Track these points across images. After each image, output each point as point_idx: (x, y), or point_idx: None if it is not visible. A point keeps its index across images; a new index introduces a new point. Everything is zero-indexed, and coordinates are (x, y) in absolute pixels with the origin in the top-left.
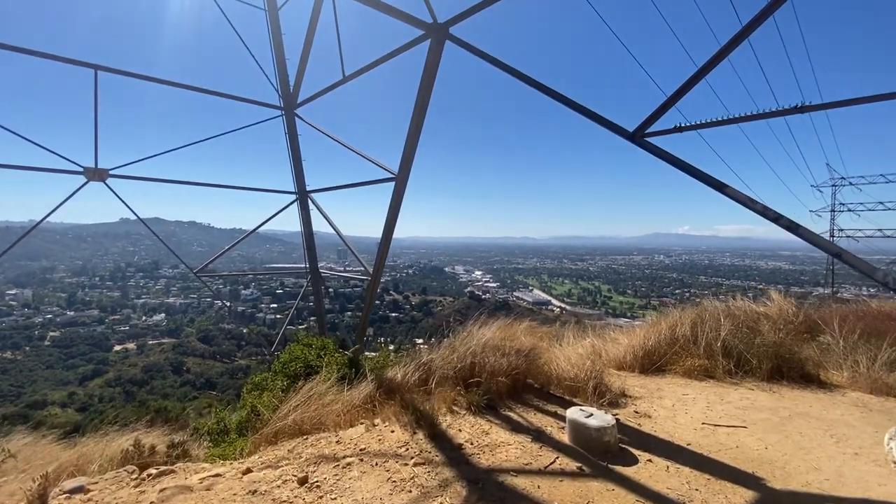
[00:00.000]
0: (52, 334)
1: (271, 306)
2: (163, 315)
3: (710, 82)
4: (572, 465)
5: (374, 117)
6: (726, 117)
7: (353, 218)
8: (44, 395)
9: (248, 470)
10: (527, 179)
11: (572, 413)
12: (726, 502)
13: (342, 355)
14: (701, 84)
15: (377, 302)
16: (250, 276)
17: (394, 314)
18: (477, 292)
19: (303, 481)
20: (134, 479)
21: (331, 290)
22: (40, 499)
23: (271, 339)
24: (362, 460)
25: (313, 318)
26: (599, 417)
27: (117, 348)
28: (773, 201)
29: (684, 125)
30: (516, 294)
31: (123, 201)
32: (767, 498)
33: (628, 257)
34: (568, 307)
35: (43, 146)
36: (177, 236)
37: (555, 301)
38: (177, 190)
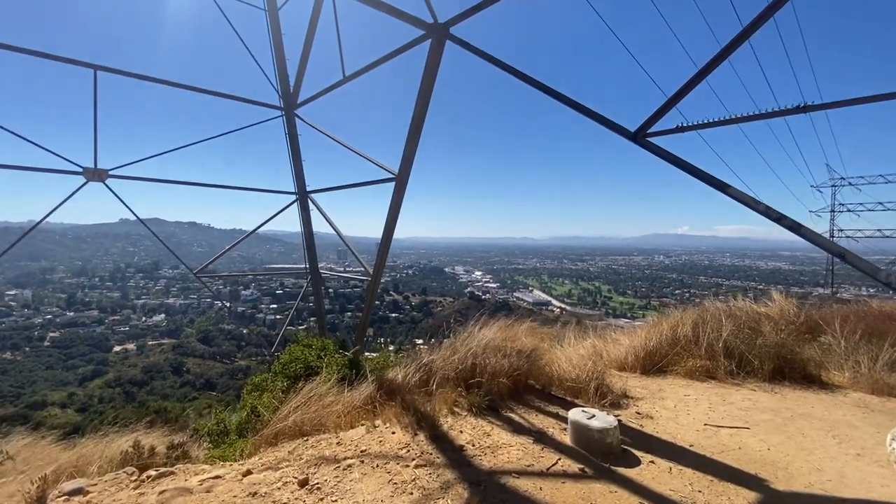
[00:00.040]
0: (51, 335)
1: (271, 307)
2: (163, 315)
3: (710, 83)
4: (574, 466)
5: (374, 117)
6: (727, 117)
7: (354, 218)
8: (43, 395)
9: (248, 471)
10: (527, 180)
11: (574, 414)
12: None
13: (342, 356)
14: (702, 85)
15: (377, 302)
16: (250, 276)
17: (394, 315)
18: (477, 293)
19: (303, 483)
20: (133, 480)
21: (331, 290)
22: (39, 501)
23: (271, 340)
24: (363, 462)
25: (313, 319)
26: (601, 419)
27: (117, 349)
28: (773, 201)
29: (686, 125)
30: (516, 294)
31: (123, 202)
32: (770, 499)
33: (628, 258)
34: (568, 308)
35: (42, 146)
36: (176, 237)
37: (555, 301)
38: (176, 190)
